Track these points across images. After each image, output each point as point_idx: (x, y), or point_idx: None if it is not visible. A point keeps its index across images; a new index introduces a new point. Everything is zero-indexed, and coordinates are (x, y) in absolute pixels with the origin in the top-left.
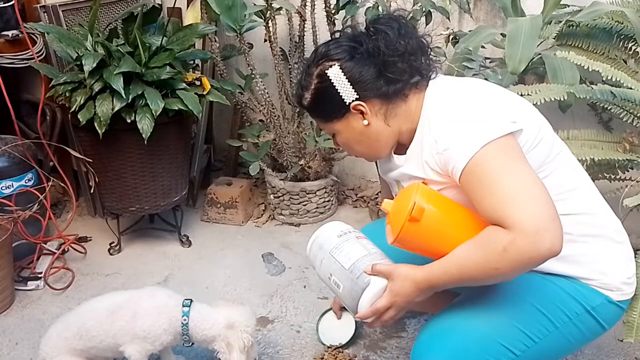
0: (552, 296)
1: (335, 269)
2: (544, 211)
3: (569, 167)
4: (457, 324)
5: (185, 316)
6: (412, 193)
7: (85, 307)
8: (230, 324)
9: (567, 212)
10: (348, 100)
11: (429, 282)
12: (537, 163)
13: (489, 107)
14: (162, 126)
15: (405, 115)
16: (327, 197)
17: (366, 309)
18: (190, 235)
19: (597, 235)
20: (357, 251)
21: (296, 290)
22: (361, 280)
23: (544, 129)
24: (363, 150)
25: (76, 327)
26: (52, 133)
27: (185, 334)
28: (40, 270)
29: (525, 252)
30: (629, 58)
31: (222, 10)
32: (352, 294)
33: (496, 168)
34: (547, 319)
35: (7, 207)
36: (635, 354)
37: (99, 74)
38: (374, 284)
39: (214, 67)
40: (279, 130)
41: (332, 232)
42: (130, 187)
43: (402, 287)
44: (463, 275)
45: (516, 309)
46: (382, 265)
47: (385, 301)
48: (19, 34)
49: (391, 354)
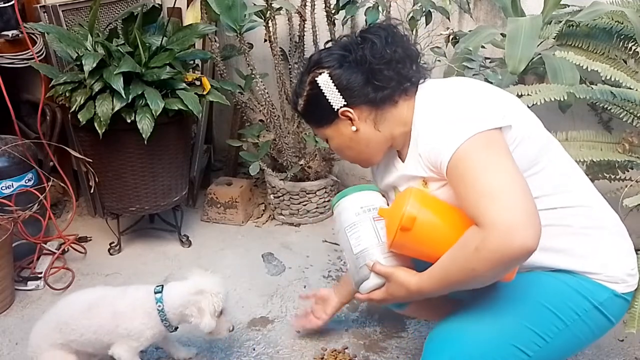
0: (560, 294)
1: (345, 247)
2: (518, 207)
3: (564, 161)
4: (467, 328)
5: (159, 302)
6: (405, 200)
7: (63, 302)
8: (199, 290)
9: (565, 204)
10: (336, 107)
11: (420, 291)
12: (530, 157)
13: (475, 103)
14: (162, 126)
15: (396, 121)
16: (327, 197)
17: (363, 295)
18: (190, 235)
19: (598, 227)
20: (368, 238)
21: (296, 290)
22: (362, 271)
23: (533, 125)
24: (354, 156)
25: (54, 321)
26: (52, 133)
27: (164, 320)
28: (40, 270)
29: (497, 250)
30: (629, 58)
31: (222, 10)
32: (354, 276)
33: (477, 163)
34: (557, 317)
35: (7, 207)
36: (635, 354)
37: (99, 74)
38: (372, 280)
39: (214, 67)
40: (279, 130)
41: (354, 204)
42: (130, 187)
43: (396, 291)
44: (448, 280)
45: (525, 309)
46: (382, 267)
47: (380, 296)
48: (19, 34)
49: (391, 354)
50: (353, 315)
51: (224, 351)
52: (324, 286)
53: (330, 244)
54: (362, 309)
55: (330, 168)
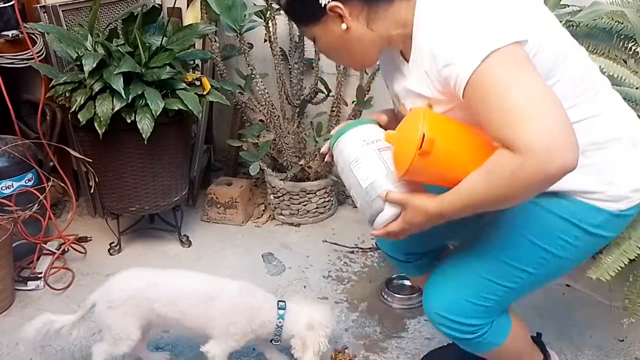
0: (550, 227)
1: (352, 184)
2: (554, 126)
3: (583, 69)
4: (450, 273)
5: (281, 319)
6: (417, 122)
7: (179, 281)
8: (310, 324)
9: (582, 117)
10: (324, 2)
11: (440, 214)
12: (546, 69)
13: (490, 12)
14: (162, 126)
15: (392, 20)
16: (327, 197)
17: (378, 230)
18: (190, 235)
19: (614, 139)
20: (377, 169)
21: (296, 290)
22: (375, 204)
23: (550, 32)
24: (344, 57)
25: (166, 296)
26: (52, 133)
27: (278, 335)
28: (40, 270)
29: (535, 174)
30: (629, 58)
31: (222, 10)
32: (367, 212)
33: (502, 80)
34: (543, 250)
35: (7, 207)
36: (635, 354)
37: (99, 74)
38: (387, 211)
39: (214, 67)
40: (279, 130)
41: (356, 137)
42: (130, 187)
43: (414, 217)
44: (474, 203)
45: (509, 247)
46: (397, 195)
47: (397, 227)
48: (19, 34)
49: (391, 354)
50: (353, 315)
51: None
52: (324, 286)
53: (330, 244)
54: (362, 309)
55: (330, 168)
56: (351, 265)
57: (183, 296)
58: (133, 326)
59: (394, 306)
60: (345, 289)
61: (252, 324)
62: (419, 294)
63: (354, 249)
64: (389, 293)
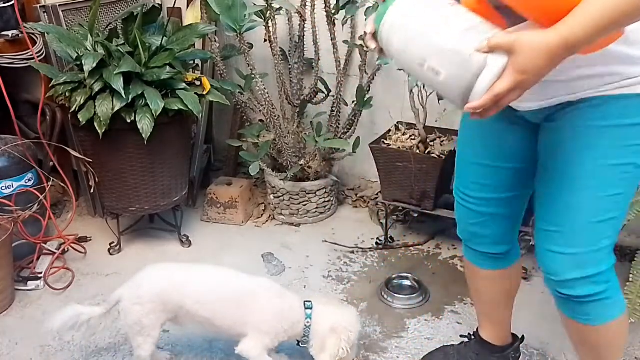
0: (616, 140)
1: (431, 52)
2: None
3: None
4: (558, 237)
5: (309, 319)
6: None
7: (211, 277)
8: (334, 328)
9: None
10: None
11: (566, 43)
12: None
13: None
14: (162, 126)
15: None
16: (327, 197)
17: (482, 97)
18: (190, 235)
19: None
20: (460, 23)
21: (296, 290)
22: (474, 60)
23: None
24: None
25: (196, 293)
26: (52, 133)
27: (306, 336)
28: (40, 270)
29: None
30: None
31: (222, 10)
32: (460, 81)
33: None
34: (625, 165)
35: (7, 207)
36: (635, 354)
37: (99, 74)
38: (494, 63)
39: (214, 67)
40: (279, 130)
41: (415, 2)
42: (130, 187)
43: (531, 60)
44: (612, 17)
45: (599, 181)
46: (500, 37)
47: (508, 83)
48: (19, 34)
49: (391, 354)
50: None
51: (224, 351)
52: (324, 286)
53: (330, 244)
54: (362, 309)
55: (330, 168)
56: (351, 265)
57: (215, 294)
58: (157, 323)
59: (394, 306)
60: (345, 289)
61: (284, 324)
62: (419, 294)
63: (354, 249)
64: (389, 293)
